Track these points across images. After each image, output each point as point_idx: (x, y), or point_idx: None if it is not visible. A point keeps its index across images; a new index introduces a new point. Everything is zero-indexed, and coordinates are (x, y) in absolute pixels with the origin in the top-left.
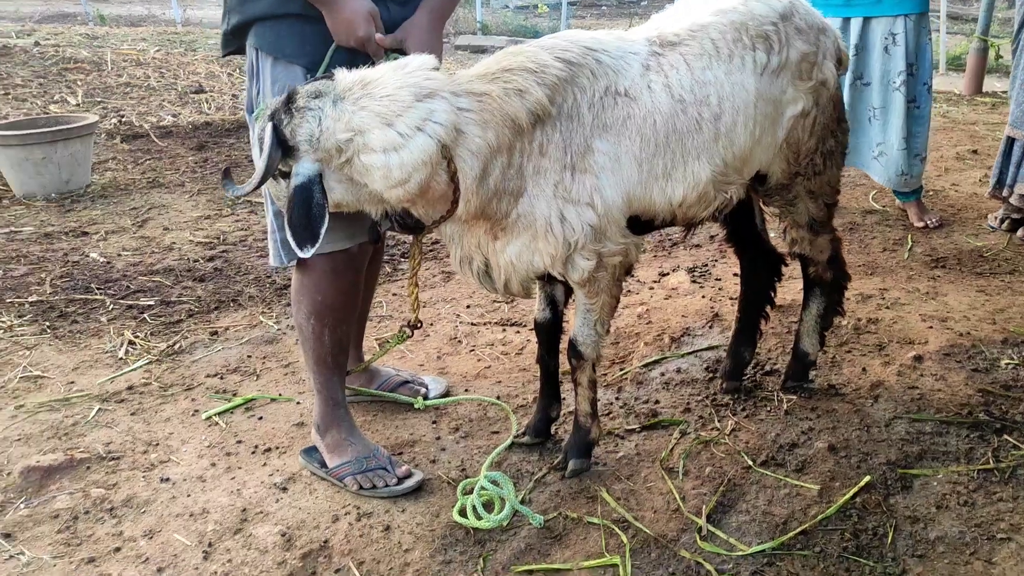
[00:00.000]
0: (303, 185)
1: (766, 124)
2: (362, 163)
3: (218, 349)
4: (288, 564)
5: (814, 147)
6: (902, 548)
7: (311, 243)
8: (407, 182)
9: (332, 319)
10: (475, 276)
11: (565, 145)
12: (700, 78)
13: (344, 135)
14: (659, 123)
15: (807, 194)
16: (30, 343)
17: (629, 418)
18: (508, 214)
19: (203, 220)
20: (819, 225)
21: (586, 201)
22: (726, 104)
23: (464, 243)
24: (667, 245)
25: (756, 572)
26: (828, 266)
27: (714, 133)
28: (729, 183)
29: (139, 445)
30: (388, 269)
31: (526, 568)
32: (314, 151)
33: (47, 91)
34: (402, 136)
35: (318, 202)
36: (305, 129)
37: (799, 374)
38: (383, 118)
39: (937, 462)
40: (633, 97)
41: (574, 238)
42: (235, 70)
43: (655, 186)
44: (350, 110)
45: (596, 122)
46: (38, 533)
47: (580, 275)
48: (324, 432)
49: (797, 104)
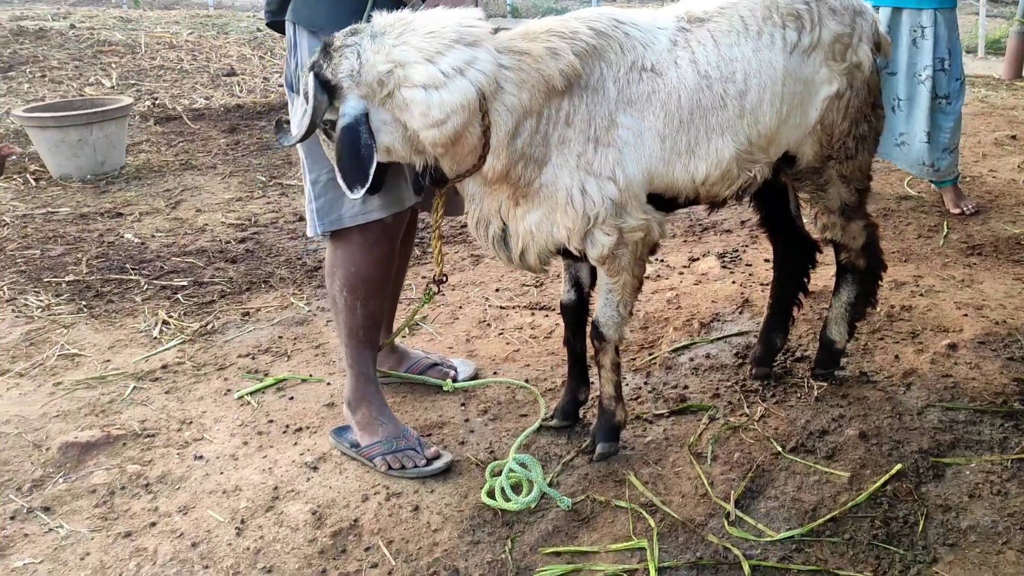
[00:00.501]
0: (350, 125)
1: (794, 103)
2: (403, 97)
3: (250, 330)
4: (319, 542)
5: (847, 130)
6: (933, 537)
7: (361, 183)
8: (444, 123)
9: (365, 291)
10: (490, 241)
11: (590, 117)
12: (727, 54)
13: (384, 66)
14: (683, 99)
15: (839, 178)
16: (67, 322)
17: (658, 403)
18: (531, 182)
19: (235, 202)
20: (851, 210)
21: (607, 175)
22: (752, 81)
23: (485, 204)
24: (697, 230)
25: (784, 558)
26: (862, 253)
27: (739, 110)
28: (754, 161)
29: (173, 423)
30: (418, 252)
31: (553, 550)
32: (357, 86)
33: (82, 74)
34: (444, 75)
35: (365, 141)
36: (345, 65)
37: (825, 362)
38: (424, 53)
39: (970, 451)
40: (659, 72)
41: (594, 211)
42: (266, 53)
43: (678, 163)
44: (390, 43)
45: (621, 96)
46: (76, 507)
47: (600, 251)
48: (355, 409)
49: (832, 85)
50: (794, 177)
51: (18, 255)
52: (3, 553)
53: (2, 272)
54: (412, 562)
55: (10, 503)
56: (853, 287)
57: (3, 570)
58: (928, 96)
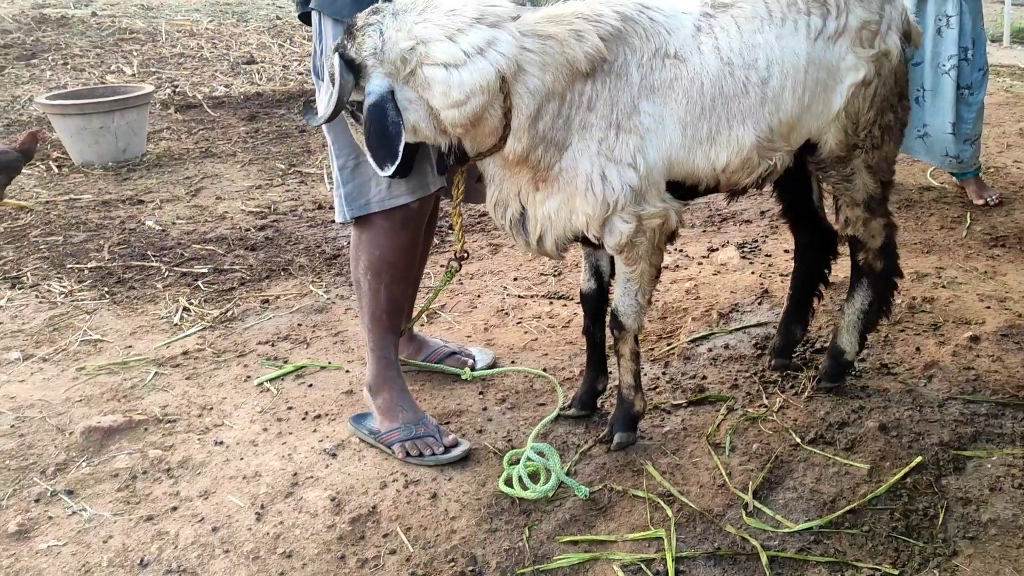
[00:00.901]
0: (376, 103)
1: (817, 91)
2: (424, 75)
3: (269, 317)
4: (337, 528)
5: (873, 119)
6: (953, 530)
7: (391, 160)
8: (464, 104)
9: (389, 276)
10: (507, 223)
11: (612, 103)
12: (749, 41)
13: (407, 43)
14: (706, 86)
15: (865, 168)
16: (89, 308)
17: (676, 393)
18: (551, 166)
19: (254, 190)
20: (875, 203)
21: (628, 162)
22: (774, 68)
23: (504, 187)
24: (716, 220)
25: (803, 549)
26: (879, 254)
27: (760, 97)
28: (774, 149)
29: (194, 409)
30: (436, 241)
31: (571, 539)
32: (381, 64)
33: (104, 61)
34: (465, 54)
35: (392, 119)
36: (368, 43)
37: (833, 374)
38: (445, 30)
39: (992, 444)
40: (683, 59)
41: (613, 198)
42: (286, 41)
43: (698, 150)
44: (412, 20)
45: (644, 83)
46: (99, 491)
47: (618, 239)
48: (376, 393)
49: (858, 72)
50: (819, 167)
51: (41, 241)
52: (28, 535)
53: (26, 258)
54: (430, 549)
55: (34, 486)
56: (868, 292)
57: (28, 552)
58: (953, 86)
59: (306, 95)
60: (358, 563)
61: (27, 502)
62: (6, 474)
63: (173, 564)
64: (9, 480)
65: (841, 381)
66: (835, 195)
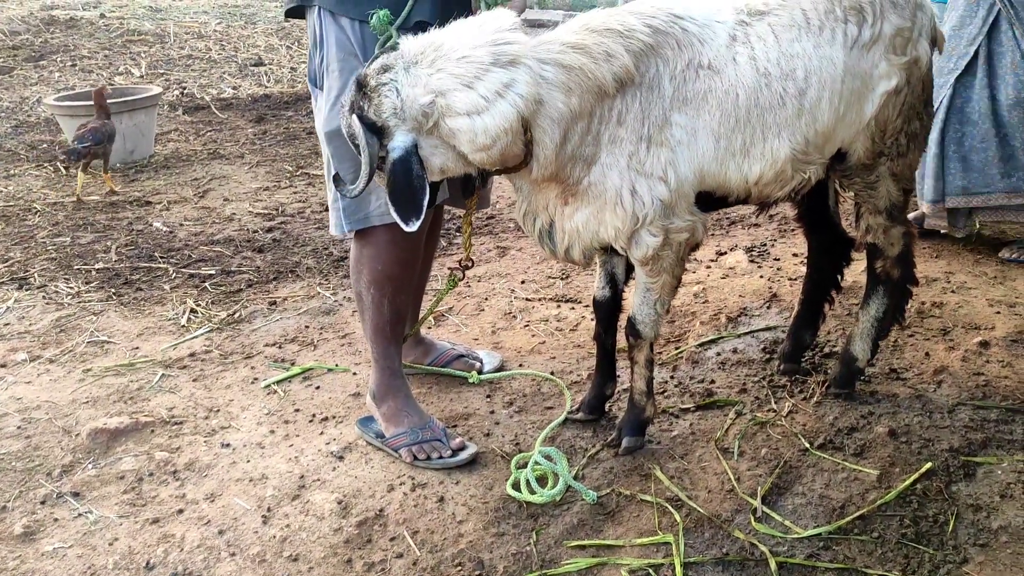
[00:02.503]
0: (401, 158)
1: (852, 100)
2: (448, 126)
3: (276, 319)
4: (344, 531)
5: (900, 127)
6: (963, 536)
7: (416, 216)
8: (491, 148)
9: (391, 288)
10: (536, 234)
11: (643, 116)
12: (788, 51)
13: (425, 99)
14: (741, 98)
15: (890, 176)
16: (96, 309)
17: (684, 397)
18: (580, 181)
19: (262, 192)
20: (897, 211)
21: (659, 175)
22: (812, 79)
23: (533, 199)
24: (725, 224)
25: (811, 555)
26: (896, 263)
27: (797, 109)
28: (809, 162)
29: (201, 411)
30: (443, 243)
31: (578, 543)
32: (403, 122)
33: (112, 63)
34: (485, 100)
35: (418, 173)
36: (387, 104)
37: (844, 380)
38: (461, 79)
39: (1002, 450)
40: (717, 70)
41: (643, 212)
42: (294, 43)
43: (731, 162)
44: (426, 73)
45: (676, 95)
46: (105, 493)
47: (644, 252)
48: (380, 401)
49: (891, 80)
50: (843, 174)
51: (48, 242)
52: (34, 537)
53: (33, 259)
54: (437, 553)
55: (40, 488)
56: (883, 300)
57: (34, 554)
58: None
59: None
60: (365, 567)
61: (33, 504)
62: (12, 476)
63: (179, 567)
64: (15, 482)
65: (852, 387)
66: (857, 202)
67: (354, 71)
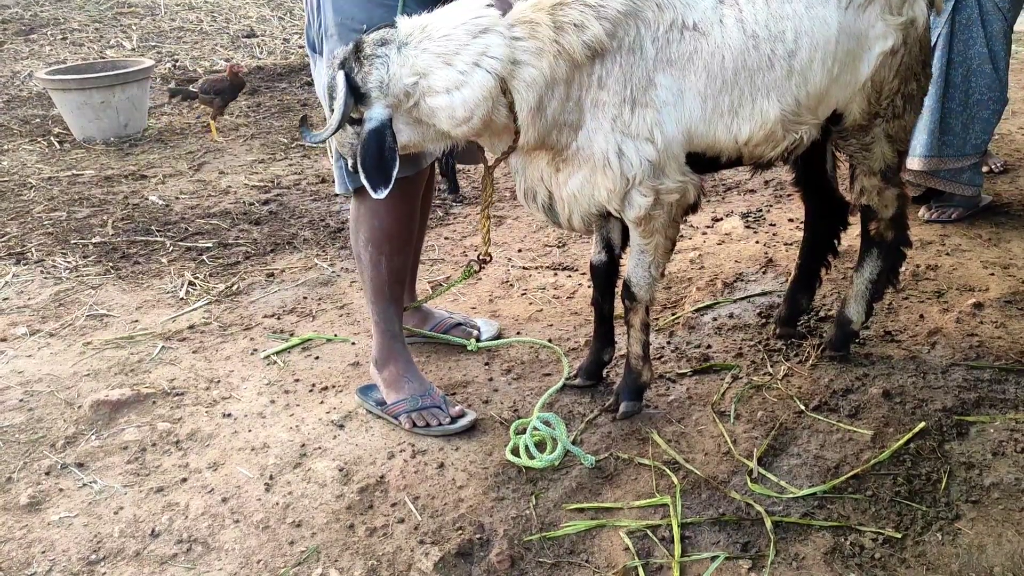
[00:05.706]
0: (376, 130)
1: (847, 61)
2: (428, 106)
3: (274, 290)
4: (346, 497)
5: (896, 88)
6: (956, 494)
7: (384, 185)
8: (471, 119)
9: (389, 247)
10: (540, 209)
11: (625, 79)
12: (777, 11)
13: (410, 79)
14: (728, 59)
15: (885, 138)
16: (95, 283)
17: (681, 362)
18: (568, 146)
19: (257, 164)
20: (891, 173)
21: (645, 136)
22: (803, 40)
23: (528, 175)
24: (720, 190)
25: (807, 514)
26: (891, 224)
27: (787, 70)
28: (800, 123)
29: (201, 382)
30: (440, 213)
31: (577, 506)
32: (384, 96)
33: (103, 36)
34: (462, 74)
35: (390, 146)
36: (375, 76)
37: (839, 343)
38: (442, 58)
39: (995, 409)
40: (702, 32)
41: (632, 173)
42: (286, 14)
43: (720, 123)
44: (413, 54)
45: (660, 56)
46: (109, 463)
47: (636, 212)
48: (382, 367)
49: (887, 40)
50: (839, 135)
51: (45, 217)
52: (40, 507)
53: (30, 234)
54: (438, 517)
55: (45, 459)
56: (877, 262)
57: (40, 523)
58: None
59: (307, 69)
60: (367, 532)
61: (38, 475)
62: (16, 447)
63: (184, 534)
64: (19, 453)
65: (846, 350)
66: (852, 164)
67: (352, 36)
